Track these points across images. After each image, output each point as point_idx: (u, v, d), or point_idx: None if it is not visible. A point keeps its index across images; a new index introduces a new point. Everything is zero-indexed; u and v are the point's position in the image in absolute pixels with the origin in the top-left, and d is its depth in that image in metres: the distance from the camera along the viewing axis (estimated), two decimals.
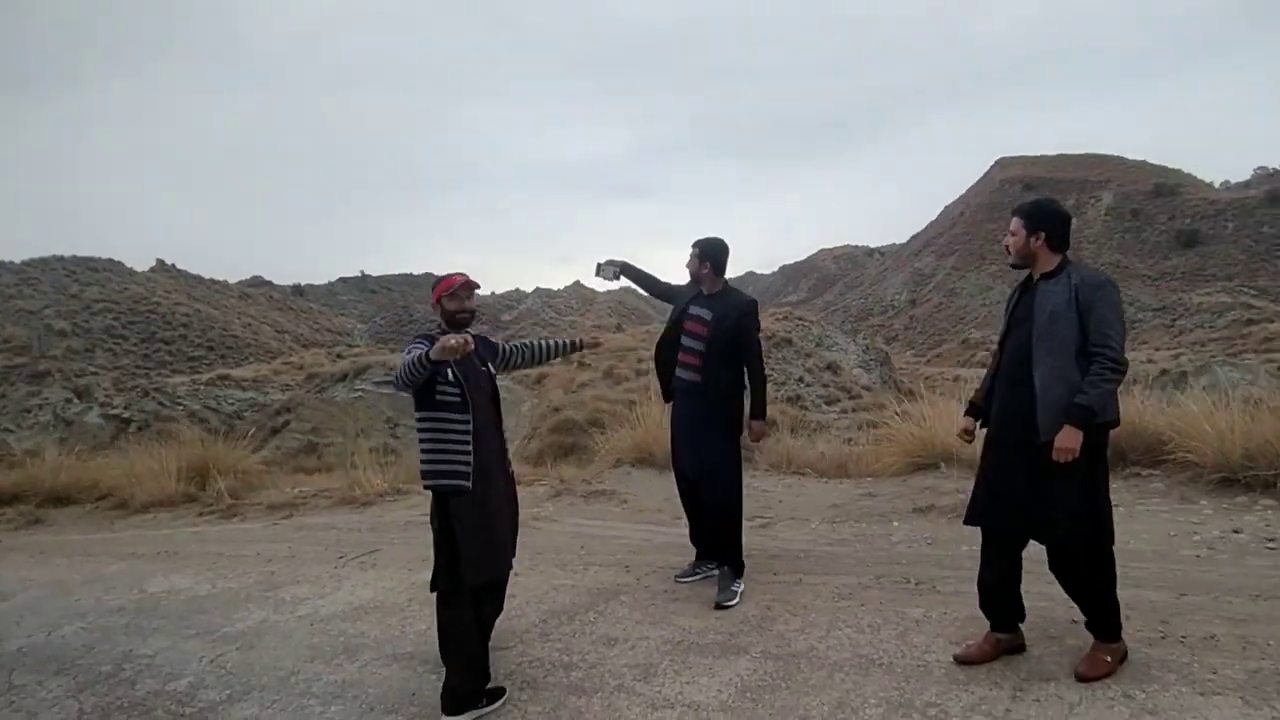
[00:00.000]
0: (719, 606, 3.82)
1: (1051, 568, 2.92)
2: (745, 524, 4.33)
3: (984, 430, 3.20)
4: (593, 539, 5.43)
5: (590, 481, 7.40)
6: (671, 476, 4.41)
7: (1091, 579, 2.81)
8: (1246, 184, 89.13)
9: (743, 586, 3.97)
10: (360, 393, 23.71)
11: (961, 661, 2.98)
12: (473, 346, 2.95)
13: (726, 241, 4.16)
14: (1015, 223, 3.05)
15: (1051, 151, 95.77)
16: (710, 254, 4.09)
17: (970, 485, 5.45)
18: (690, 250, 4.18)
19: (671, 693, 2.99)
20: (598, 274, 4.38)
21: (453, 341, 2.78)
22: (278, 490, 9.10)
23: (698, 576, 4.25)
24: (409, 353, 3.00)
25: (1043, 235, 2.94)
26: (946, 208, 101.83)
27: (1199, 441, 4.98)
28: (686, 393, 4.12)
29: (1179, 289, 65.48)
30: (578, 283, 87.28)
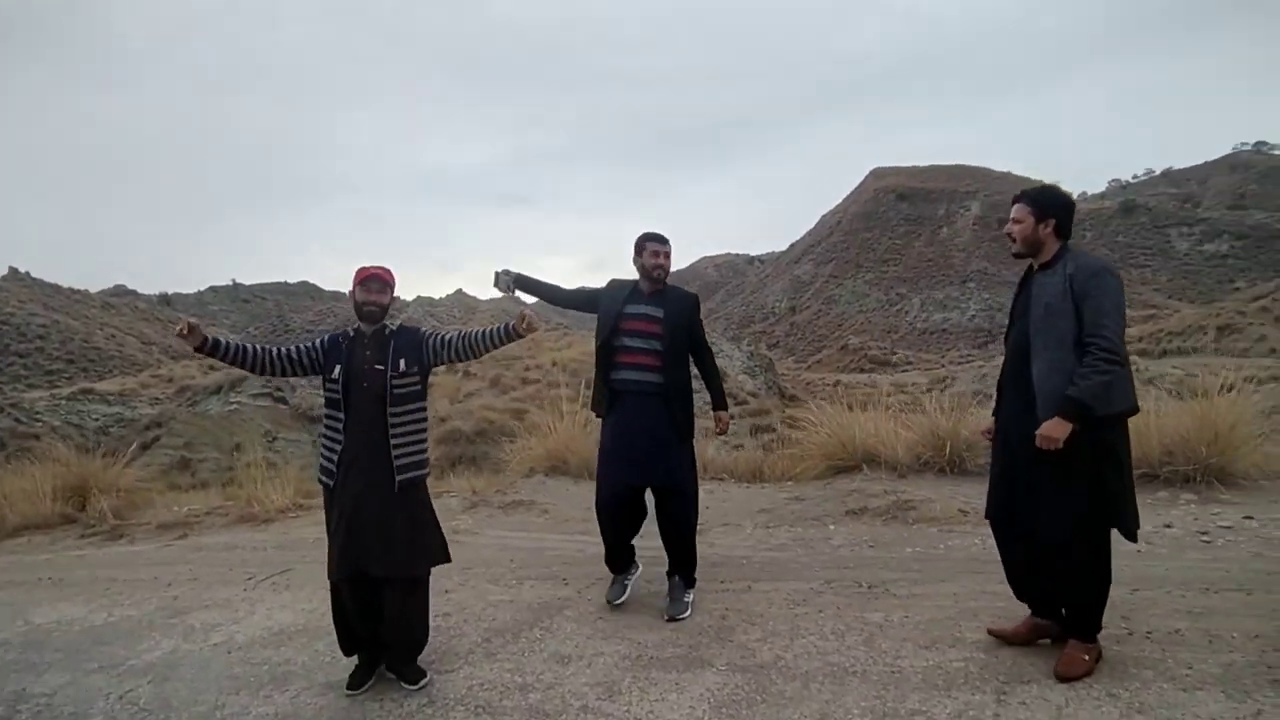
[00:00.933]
0: (672, 619, 3.61)
1: (1049, 563, 2.84)
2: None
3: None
4: (521, 551, 5.12)
5: (505, 492, 7.09)
6: (589, 485, 4.05)
7: (1087, 576, 2.74)
8: (1102, 195, 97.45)
9: (692, 597, 3.77)
10: (235, 405, 22.35)
11: (995, 635, 3.00)
12: (186, 331, 3.02)
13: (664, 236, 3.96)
14: (1020, 209, 2.90)
15: (924, 163, 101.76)
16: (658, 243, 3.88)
17: (896, 487, 5.52)
18: (653, 246, 3.88)
19: (641, 711, 2.76)
20: (495, 284, 4.07)
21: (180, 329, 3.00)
22: (164, 509, 8.32)
23: (627, 592, 3.93)
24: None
25: (1052, 223, 2.84)
26: (824, 217, 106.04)
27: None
28: (640, 395, 3.79)
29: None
30: (460, 291, 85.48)
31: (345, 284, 3.30)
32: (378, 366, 3.17)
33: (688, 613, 3.65)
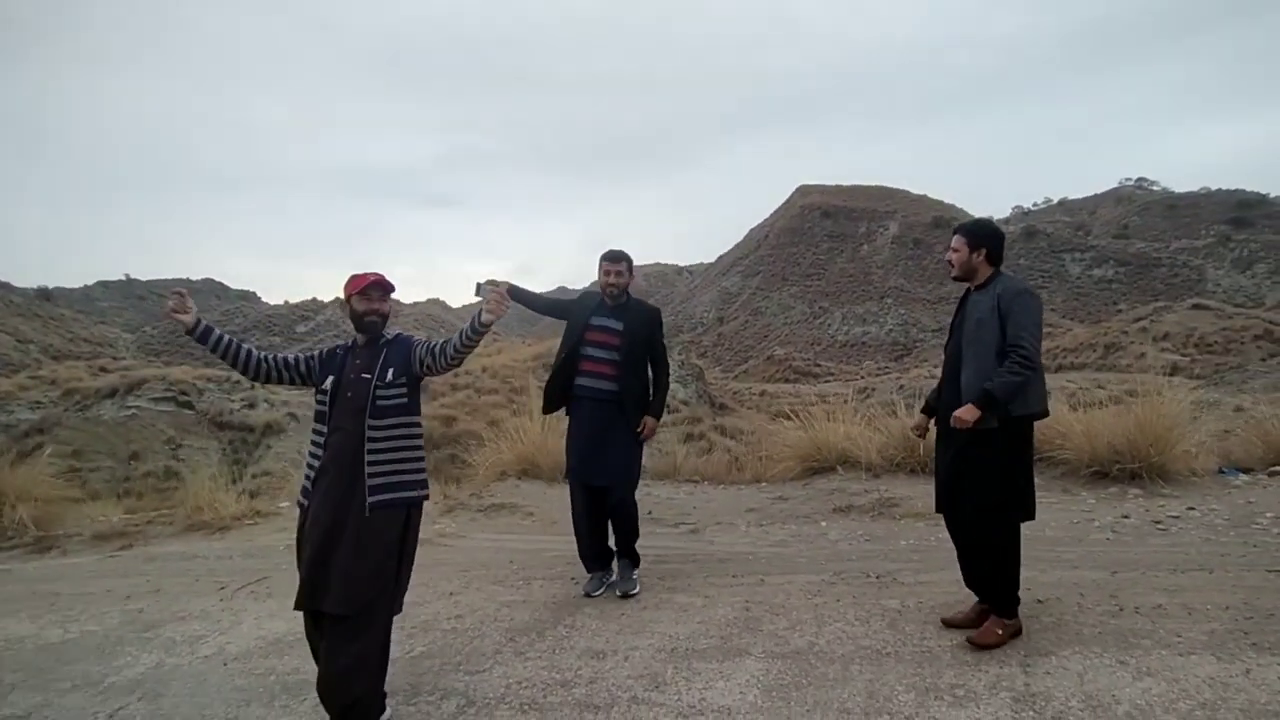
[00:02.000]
0: (624, 594, 4.01)
1: (968, 546, 3.21)
2: (673, 529, 4.46)
3: (931, 422, 3.50)
4: (519, 553, 5.14)
5: (480, 495, 7.05)
6: (563, 489, 4.31)
7: (1000, 556, 3.09)
8: (1006, 220, 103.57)
9: (638, 574, 4.18)
10: (133, 410, 21.13)
11: (948, 624, 3.25)
12: (179, 307, 2.98)
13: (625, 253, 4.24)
14: (958, 240, 3.30)
15: (847, 182, 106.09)
16: (629, 262, 4.20)
17: (874, 486, 5.82)
18: (606, 265, 4.15)
19: (693, 699, 2.87)
20: (478, 294, 4.09)
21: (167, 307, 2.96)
22: (87, 520, 7.86)
23: (604, 586, 4.19)
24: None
25: (983, 251, 3.25)
26: (751, 230, 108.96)
27: (1069, 441, 5.62)
28: (596, 401, 4.06)
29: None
30: None
31: (254, 283, 3.25)
32: (364, 375, 2.95)
33: (635, 589, 4.06)
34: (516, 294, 4.21)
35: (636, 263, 4.33)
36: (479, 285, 4.07)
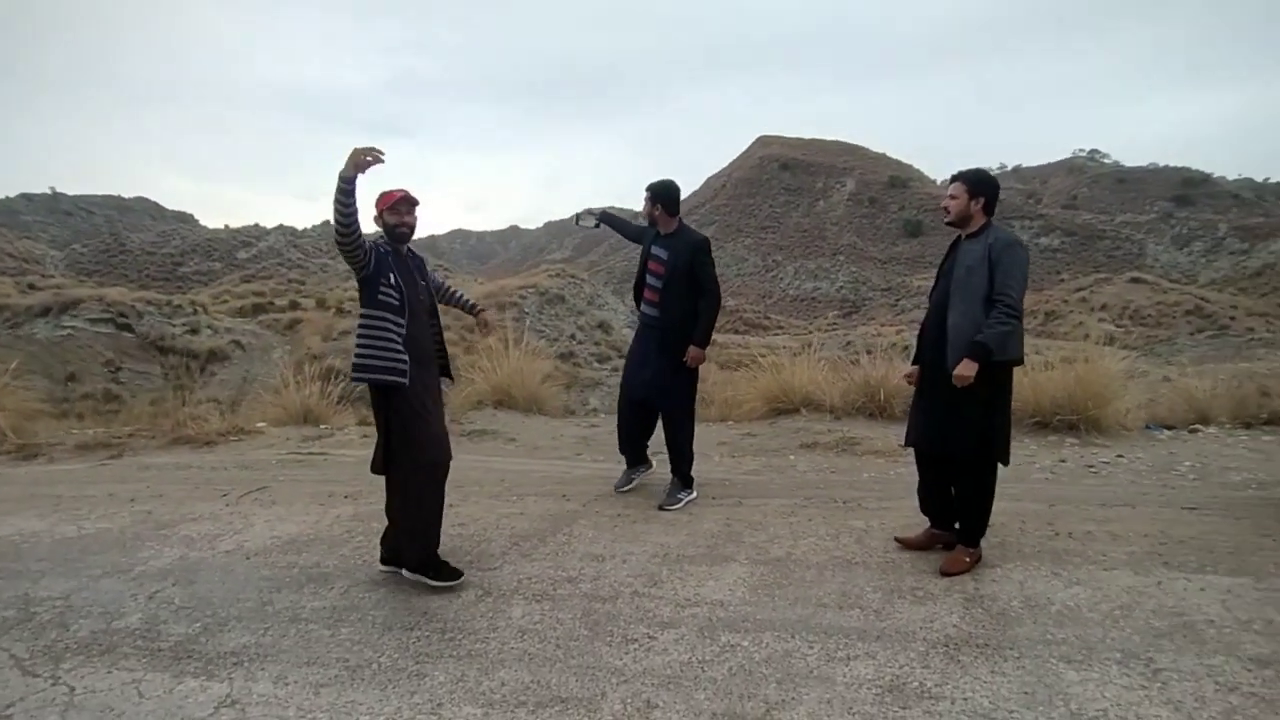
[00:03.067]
0: (662, 508, 4.36)
1: (954, 479, 3.55)
2: (659, 456, 4.85)
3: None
4: (508, 473, 5.45)
5: (460, 422, 7.31)
6: (540, 419, 4.64)
7: (979, 490, 3.44)
8: None
9: (687, 498, 4.47)
10: (69, 330, 20.61)
11: (901, 543, 3.67)
12: (382, 158, 3.16)
13: (676, 183, 4.45)
14: (957, 187, 3.45)
15: (808, 134, 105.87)
16: (661, 196, 4.39)
17: (837, 426, 6.25)
18: (644, 195, 4.41)
19: (688, 594, 3.26)
20: (578, 223, 4.79)
21: (362, 151, 3.10)
22: (68, 431, 7.94)
23: (634, 483, 4.74)
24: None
25: (981, 200, 3.41)
26: (709, 179, 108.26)
27: (1015, 394, 6.12)
28: (646, 325, 4.49)
29: (903, 272, 75.99)
30: (328, 223, 79.94)
31: (191, 204, 3.38)
32: (421, 283, 3.56)
33: (678, 506, 4.37)
34: (610, 220, 4.80)
35: (591, 204, 4.68)
36: (578, 215, 4.74)
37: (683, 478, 4.52)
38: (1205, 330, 40.22)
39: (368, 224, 3.35)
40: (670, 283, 4.34)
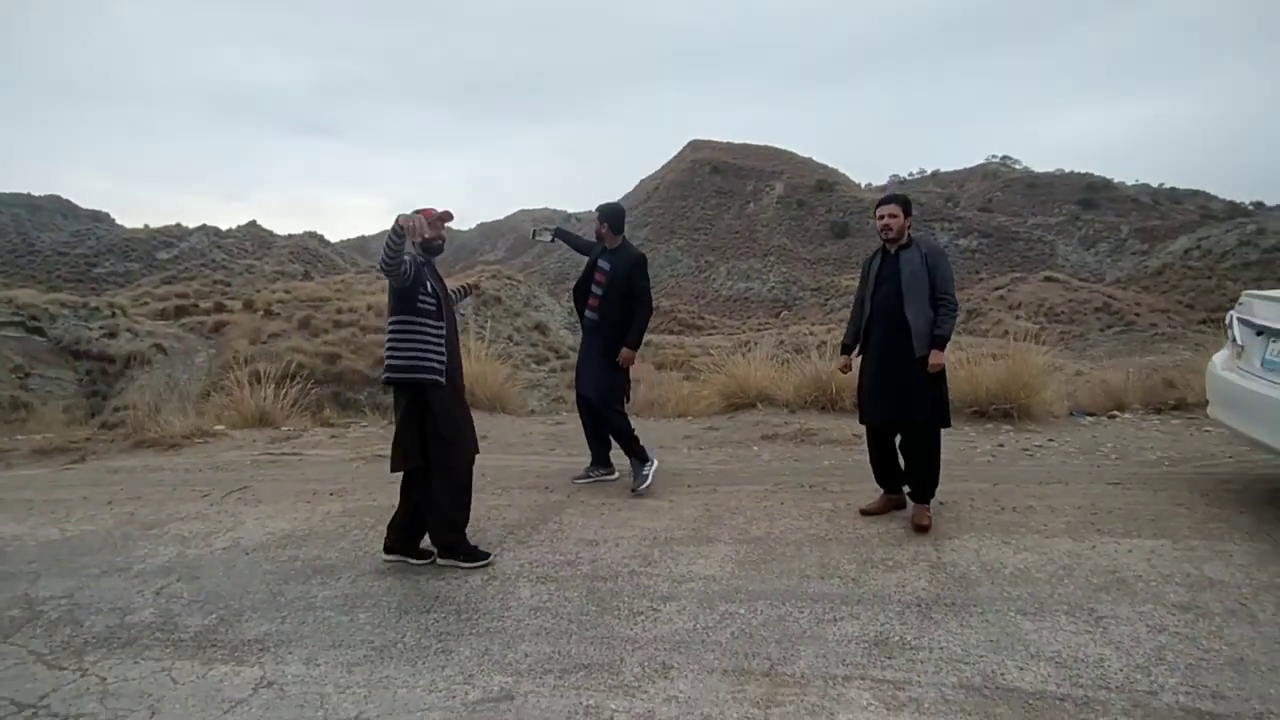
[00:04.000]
0: (634, 492, 4.74)
1: (904, 447, 4.13)
2: (621, 450, 5.07)
3: (857, 360, 4.31)
4: (487, 469, 5.54)
5: None
6: (505, 418, 5.23)
7: (933, 454, 4.05)
8: (884, 187, 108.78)
9: (649, 470, 4.85)
10: None
11: (864, 513, 4.19)
12: (427, 231, 3.57)
13: (622, 206, 5.12)
14: (894, 208, 4.08)
15: (738, 139, 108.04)
16: (608, 216, 4.95)
17: (793, 419, 6.63)
18: (598, 218, 4.96)
19: (681, 571, 3.55)
20: (534, 237, 5.37)
21: (414, 220, 3.45)
22: (25, 436, 7.71)
23: (590, 479, 5.09)
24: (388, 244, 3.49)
25: (910, 220, 4.11)
26: (642, 181, 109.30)
27: (954, 386, 6.63)
28: (589, 329, 4.98)
29: (831, 273, 78.28)
30: (254, 223, 76.78)
31: (107, 203, 3.53)
32: (450, 292, 3.86)
33: (646, 483, 4.78)
34: (564, 235, 5.26)
35: (524, 206, 5.09)
36: (534, 230, 5.26)
37: (635, 456, 4.90)
38: (1114, 326, 42.82)
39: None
40: (609, 291, 4.84)
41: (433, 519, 3.73)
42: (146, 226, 72.25)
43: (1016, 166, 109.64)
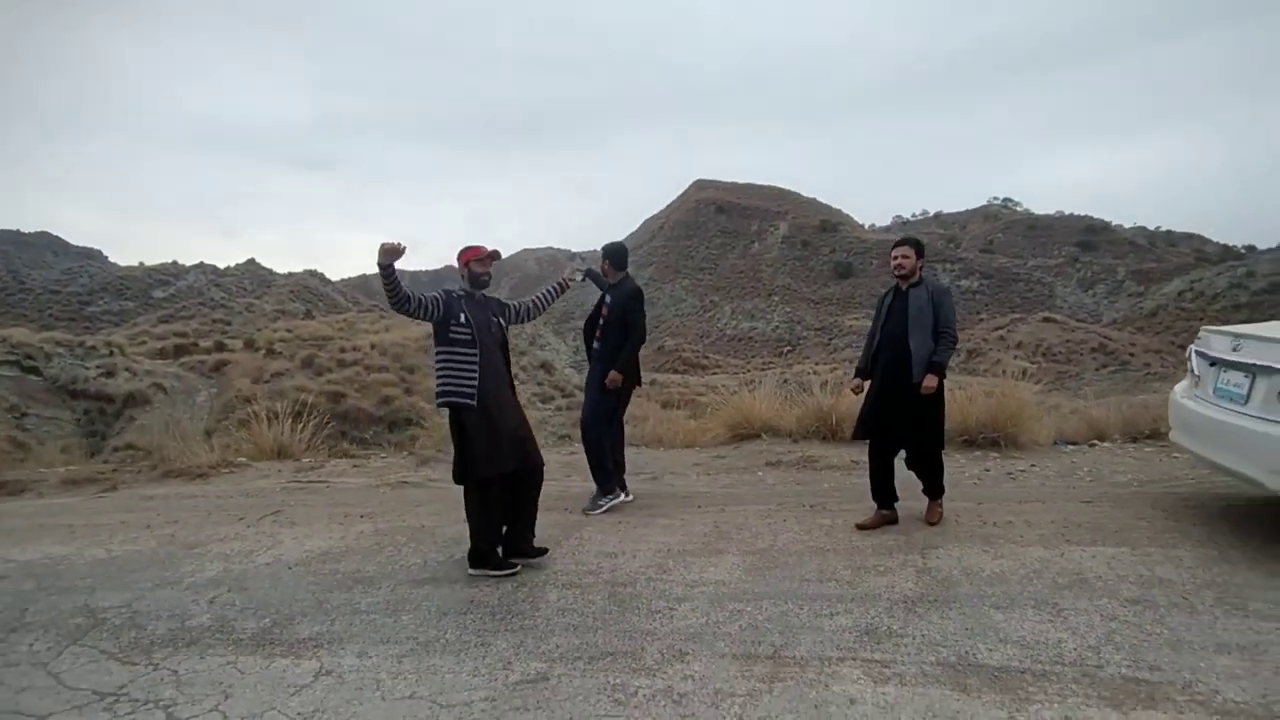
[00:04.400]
0: (585, 512, 5.18)
1: (912, 464, 4.65)
2: (634, 476, 5.60)
3: (866, 382, 4.77)
4: None
5: (446, 452, 7.81)
6: None
7: (938, 464, 4.60)
8: (887, 228, 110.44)
9: (606, 504, 5.24)
10: None
11: (860, 527, 4.57)
12: (404, 249, 3.87)
13: (624, 245, 5.61)
14: (906, 249, 4.65)
15: (743, 179, 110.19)
16: (610, 254, 5.50)
17: (796, 448, 7.01)
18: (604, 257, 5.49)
19: (694, 577, 3.92)
20: (581, 280, 5.54)
21: (388, 245, 3.81)
22: (48, 468, 8.08)
23: (600, 509, 5.33)
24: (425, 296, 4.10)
25: (922, 261, 4.65)
26: (647, 221, 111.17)
27: (948, 417, 7.03)
28: (593, 359, 5.43)
29: (835, 312, 79.12)
30: (252, 261, 77.19)
31: (100, 241, 3.84)
32: (495, 319, 4.28)
33: (598, 512, 5.17)
34: (593, 276, 5.54)
35: (528, 245, 5.59)
36: (579, 273, 5.41)
37: (601, 482, 5.31)
38: (1108, 365, 43.26)
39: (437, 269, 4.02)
40: (609, 323, 5.33)
41: (469, 527, 4.14)
42: (141, 264, 72.39)
43: (1017, 208, 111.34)
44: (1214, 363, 4.49)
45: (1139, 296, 76.63)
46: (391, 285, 3.91)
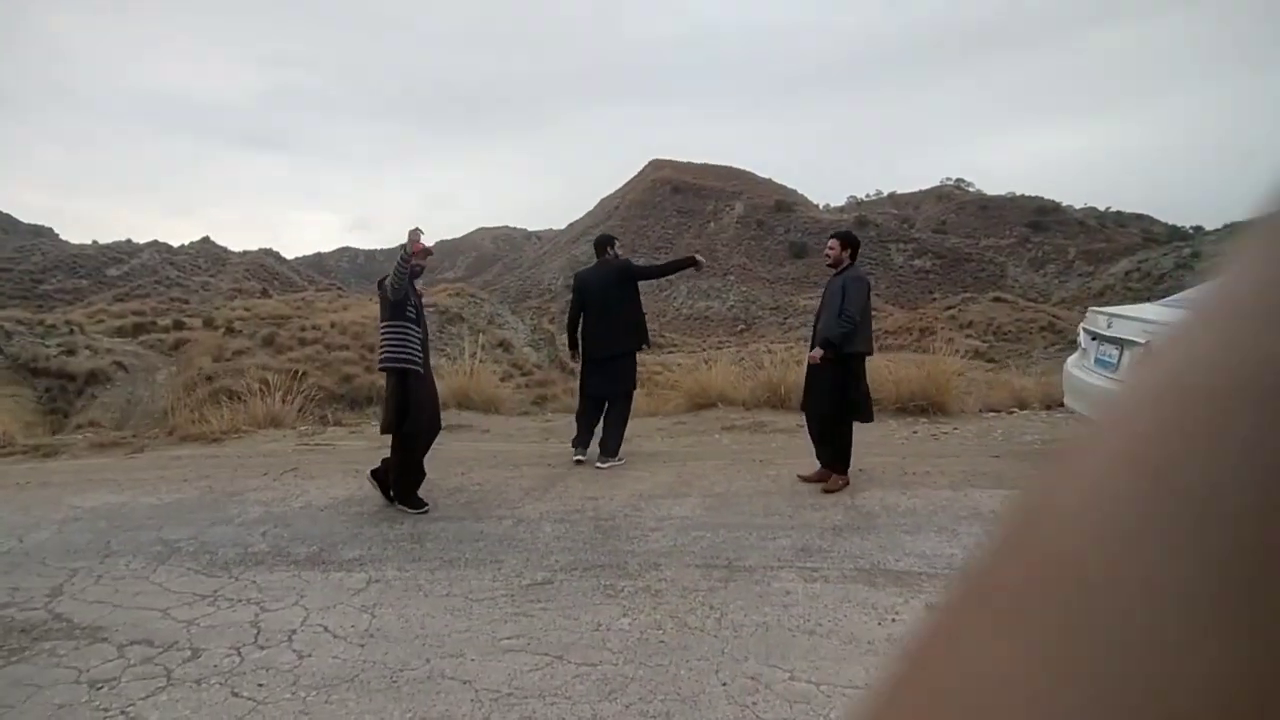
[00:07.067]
0: (598, 466, 5.96)
1: (824, 429, 5.32)
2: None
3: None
4: (497, 452, 6.80)
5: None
6: (500, 416, 6.65)
7: (841, 435, 5.23)
8: (842, 208, 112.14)
9: (611, 464, 6.01)
10: None
11: (802, 478, 5.38)
12: (432, 251, 4.97)
13: (610, 235, 6.52)
14: (835, 242, 5.38)
15: (699, 159, 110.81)
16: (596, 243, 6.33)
17: (748, 415, 7.89)
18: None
19: (664, 513, 4.78)
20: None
21: (425, 247, 4.84)
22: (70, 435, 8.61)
23: (585, 455, 6.15)
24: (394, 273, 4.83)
25: (849, 251, 5.35)
26: (603, 200, 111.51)
27: (883, 388, 8.01)
28: (616, 333, 6.19)
29: (790, 292, 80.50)
30: (207, 239, 76.05)
31: (49, 218, 4.46)
32: (426, 304, 5.17)
33: (605, 467, 5.95)
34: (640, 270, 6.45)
35: (484, 224, 6.58)
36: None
37: (617, 447, 6.16)
38: (1057, 344, 45.17)
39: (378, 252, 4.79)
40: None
41: (392, 473, 5.04)
42: (95, 242, 71.14)
43: (970, 189, 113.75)
44: (1095, 337, 5.46)
45: (1088, 276, 79.32)
46: (405, 273, 4.73)
